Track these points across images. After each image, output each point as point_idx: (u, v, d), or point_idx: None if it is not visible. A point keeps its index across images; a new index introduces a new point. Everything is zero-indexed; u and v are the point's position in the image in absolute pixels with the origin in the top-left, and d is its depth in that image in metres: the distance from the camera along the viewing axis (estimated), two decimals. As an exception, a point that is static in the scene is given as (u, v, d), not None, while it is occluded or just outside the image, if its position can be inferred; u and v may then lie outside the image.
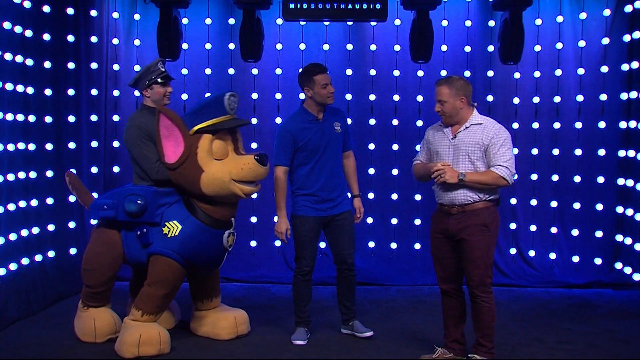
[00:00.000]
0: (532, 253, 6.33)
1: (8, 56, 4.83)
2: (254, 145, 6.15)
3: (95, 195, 5.30)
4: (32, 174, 5.15)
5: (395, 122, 6.27)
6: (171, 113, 4.04)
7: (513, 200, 6.29)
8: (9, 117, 4.84)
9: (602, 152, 6.09)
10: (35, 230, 5.19)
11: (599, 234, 6.19)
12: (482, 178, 3.80)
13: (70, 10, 5.69)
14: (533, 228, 6.31)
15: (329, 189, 4.41)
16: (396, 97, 6.25)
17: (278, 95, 6.29)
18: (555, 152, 6.23)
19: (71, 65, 5.74)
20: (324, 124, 4.43)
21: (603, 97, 6.09)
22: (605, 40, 6.09)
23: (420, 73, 6.20)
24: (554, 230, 6.28)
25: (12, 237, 4.85)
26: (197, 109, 4.11)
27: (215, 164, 4.02)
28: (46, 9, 5.35)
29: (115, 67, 6.27)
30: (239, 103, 4.19)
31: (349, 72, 6.22)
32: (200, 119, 4.03)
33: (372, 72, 6.23)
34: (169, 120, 4.01)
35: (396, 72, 6.23)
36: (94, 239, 4.38)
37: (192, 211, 4.14)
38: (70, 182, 4.66)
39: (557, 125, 6.21)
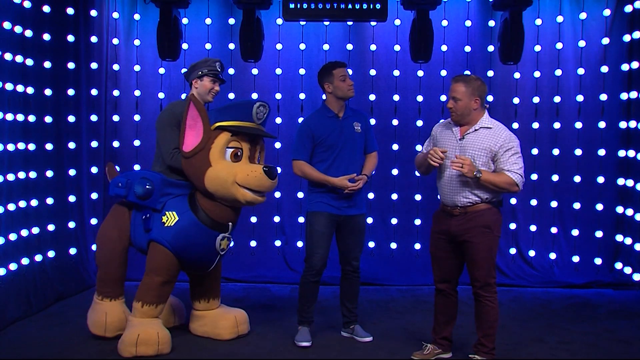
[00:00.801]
0: (532, 253, 6.33)
1: (8, 56, 4.83)
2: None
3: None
4: (32, 174, 5.15)
5: (395, 122, 6.28)
6: (200, 105, 4.10)
7: (513, 200, 6.29)
8: (9, 117, 4.84)
9: (602, 152, 6.09)
10: (35, 230, 5.19)
11: (599, 234, 6.19)
12: (496, 179, 3.76)
13: (70, 10, 5.69)
14: (533, 228, 6.31)
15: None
16: (396, 97, 6.25)
17: (278, 95, 6.29)
18: (555, 152, 6.23)
19: (71, 65, 5.74)
20: (344, 122, 4.42)
21: (603, 97, 6.09)
22: (605, 40, 6.09)
23: (420, 73, 6.21)
24: (554, 230, 6.28)
25: (12, 237, 4.86)
26: (225, 107, 4.16)
27: (223, 163, 4.04)
28: (46, 9, 5.35)
29: (115, 67, 6.28)
30: (268, 115, 4.21)
31: (349, 72, 6.20)
32: (224, 116, 4.08)
33: (372, 72, 6.24)
34: (196, 111, 4.06)
35: (396, 72, 6.23)
36: (109, 213, 4.51)
37: (193, 207, 4.17)
38: (108, 172, 4.70)
39: (557, 125, 6.21)
